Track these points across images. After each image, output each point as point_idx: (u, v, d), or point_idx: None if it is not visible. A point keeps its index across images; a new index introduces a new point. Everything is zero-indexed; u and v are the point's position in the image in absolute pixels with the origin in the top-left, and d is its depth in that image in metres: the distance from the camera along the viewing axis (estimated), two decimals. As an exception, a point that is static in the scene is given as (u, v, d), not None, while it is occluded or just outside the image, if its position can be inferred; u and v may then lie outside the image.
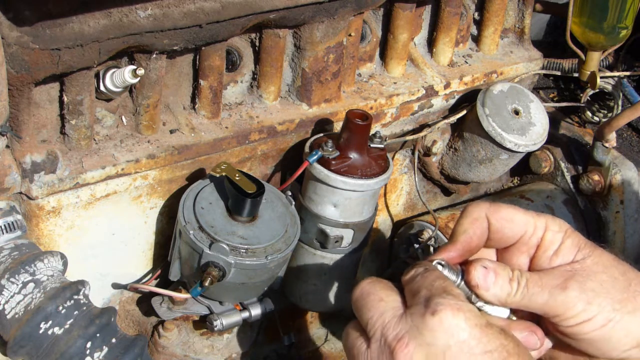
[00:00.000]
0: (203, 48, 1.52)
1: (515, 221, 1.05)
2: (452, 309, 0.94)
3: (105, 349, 1.32)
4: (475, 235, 1.05)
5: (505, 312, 1.05)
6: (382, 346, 0.98)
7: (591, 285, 1.00)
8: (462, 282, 1.02)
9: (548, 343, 1.07)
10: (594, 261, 1.03)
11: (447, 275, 1.01)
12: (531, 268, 1.07)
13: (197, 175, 1.61)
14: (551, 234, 1.05)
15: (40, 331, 1.30)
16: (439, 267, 1.01)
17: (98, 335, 1.32)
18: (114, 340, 1.34)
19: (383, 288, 1.02)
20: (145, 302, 1.69)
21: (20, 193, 1.42)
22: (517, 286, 1.02)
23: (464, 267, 1.03)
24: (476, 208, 1.06)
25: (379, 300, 1.01)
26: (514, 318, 1.05)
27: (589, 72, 2.02)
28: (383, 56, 1.86)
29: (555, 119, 2.15)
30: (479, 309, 1.03)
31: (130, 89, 1.51)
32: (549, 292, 1.01)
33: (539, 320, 1.06)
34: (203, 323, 1.62)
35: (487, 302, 1.03)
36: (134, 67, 1.41)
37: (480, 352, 0.93)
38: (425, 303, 0.95)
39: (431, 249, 1.93)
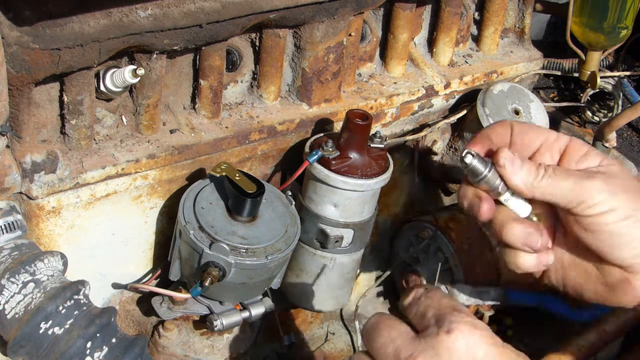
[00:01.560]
0: (203, 48, 1.52)
1: (537, 128, 1.08)
2: (468, 327, 0.93)
3: (106, 349, 1.32)
4: (498, 133, 1.07)
5: (527, 210, 1.05)
6: None
7: (616, 182, 1.02)
8: (490, 173, 1.02)
9: (549, 258, 1.07)
10: (619, 169, 1.05)
11: (477, 165, 1.01)
12: None
13: (197, 175, 1.61)
14: (576, 143, 1.07)
15: (41, 331, 1.30)
16: (468, 158, 1.01)
17: (98, 335, 1.32)
18: (114, 340, 1.34)
19: (392, 318, 1.02)
20: (145, 302, 1.68)
21: (21, 193, 1.42)
22: (543, 172, 1.03)
23: (490, 158, 1.04)
24: (499, 121, 1.09)
25: (390, 327, 1.00)
26: (535, 219, 1.05)
27: (589, 72, 2.02)
28: (383, 56, 1.86)
29: (555, 119, 2.16)
30: (503, 204, 1.03)
31: (131, 88, 1.51)
32: (574, 179, 1.02)
33: (557, 223, 1.07)
34: (203, 323, 1.62)
35: (512, 189, 1.02)
36: (134, 67, 1.41)
37: None
38: (437, 323, 0.94)
39: (431, 249, 1.93)
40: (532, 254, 1.05)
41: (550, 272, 1.10)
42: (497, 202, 1.04)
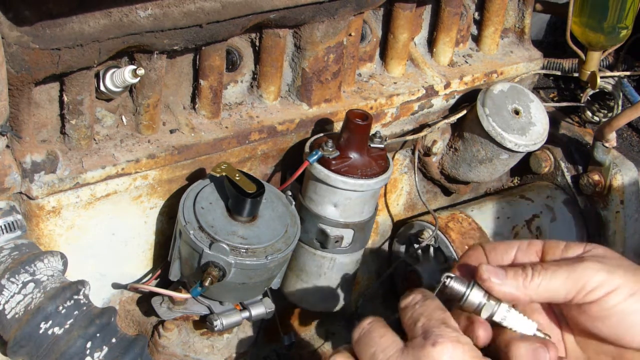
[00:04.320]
0: (203, 48, 1.52)
1: (506, 242, 1.05)
2: (452, 341, 0.94)
3: (105, 349, 1.32)
4: (473, 257, 1.04)
5: (532, 328, 1.00)
6: None
7: (608, 261, 0.98)
8: (472, 291, 0.99)
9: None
10: (604, 249, 1.01)
11: (456, 286, 0.99)
12: None
13: (197, 175, 1.61)
14: (551, 241, 1.04)
15: (40, 331, 1.30)
16: (448, 280, 0.99)
17: (98, 335, 1.32)
18: (114, 340, 1.34)
19: (384, 326, 1.03)
20: (145, 302, 1.68)
21: (21, 193, 1.42)
22: (531, 271, 0.99)
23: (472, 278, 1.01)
24: (470, 247, 1.08)
25: (381, 336, 1.01)
26: (542, 335, 1.00)
27: (589, 72, 2.02)
28: (383, 56, 1.86)
29: (555, 119, 2.15)
30: (501, 325, 0.99)
31: (131, 88, 1.51)
32: (566, 267, 0.98)
33: (562, 320, 1.03)
34: (203, 323, 1.62)
35: (505, 300, 0.99)
36: (134, 67, 1.41)
37: None
38: (424, 335, 0.96)
39: (431, 249, 1.93)
40: None
41: None
42: (496, 324, 1.00)
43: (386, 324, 1.03)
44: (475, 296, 0.99)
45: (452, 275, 1.00)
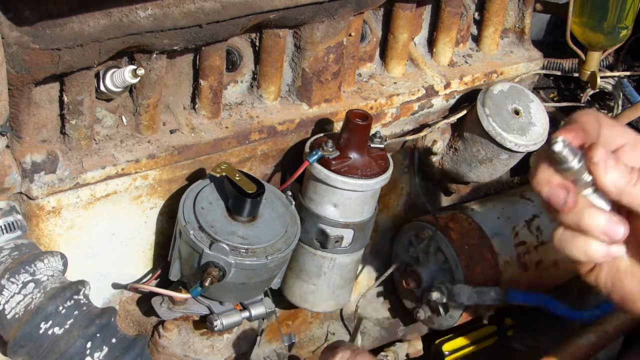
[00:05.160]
0: (203, 48, 1.52)
1: (622, 127, 1.03)
2: None
3: (105, 349, 1.32)
4: (589, 125, 1.00)
5: (606, 207, 0.99)
6: None
7: None
8: (580, 165, 0.97)
9: (619, 249, 1.01)
10: None
11: (567, 154, 0.96)
12: None
13: (197, 175, 1.61)
14: None
15: (41, 331, 1.30)
16: (560, 145, 0.95)
17: (98, 335, 1.32)
18: (114, 340, 1.34)
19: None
20: (145, 302, 1.68)
21: (21, 193, 1.42)
22: (636, 178, 0.96)
23: (583, 150, 0.98)
24: (587, 111, 1.04)
25: None
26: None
27: (589, 72, 2.02)
28: (383, 56, 1.86)
29: (555, 119, 2.15)
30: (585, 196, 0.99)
31: (131, 89, 1.51)
32: None
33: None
34: (203, 323, 1.62)
35: (601, 188, 0.97)
36: (134, 67, 1.41)
37: None
38: None
39: (431, 249, 1.93)
40: (605, 244, 0.99)
41: (601, 272, 1.05)
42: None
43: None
44: (580, 170, 0.97)
45: (566, 140, 0.96)
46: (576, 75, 2.09)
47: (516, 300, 1.89)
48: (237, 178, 1.49)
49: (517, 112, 1.86)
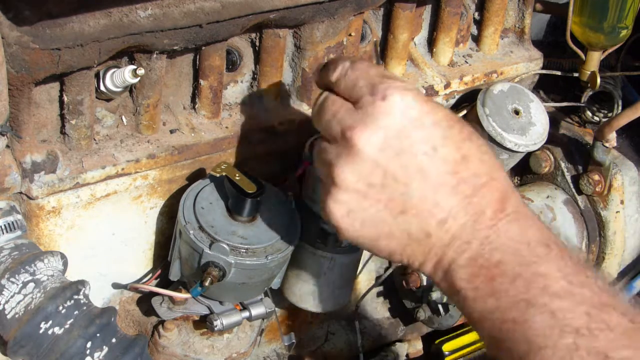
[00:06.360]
0: (203, 48, 1.52)
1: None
2: (400, 91, 1.00)
3: (105, 349, 1.32)
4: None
5: None
6: (342, 140, 1.06)
7: None
8: None
9: None
10: None
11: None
12: None
13: (197, 175, 1.61)
14: None
15: (41, 331, 1.30)
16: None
17: (98, 335, 1.32)
18: (114, 340, 1.34)
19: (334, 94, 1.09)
20: (145, 302, 1.69)
21: (21, 193, 1.42)
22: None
23: None
24: None
25: (332, 102, 1.07)
26: None
27: (589, 72, 2.02)
28: (383, 56, 1.86)
29: (555, 119, 2.15)
30: None
31: (131, 88, 1.51)
32: None
33: None
34: (203, 323, 1.62)
35: None
36: (134, 67, 1.41)
37: (430, 124, 1.03)
38: (371, 92, 1.00)
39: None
40: None
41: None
42: None
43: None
44: None
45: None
46: (576, 75, 2.08)
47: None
48: (237, 178, 1.49)
49: (517, 112, 1.86)
